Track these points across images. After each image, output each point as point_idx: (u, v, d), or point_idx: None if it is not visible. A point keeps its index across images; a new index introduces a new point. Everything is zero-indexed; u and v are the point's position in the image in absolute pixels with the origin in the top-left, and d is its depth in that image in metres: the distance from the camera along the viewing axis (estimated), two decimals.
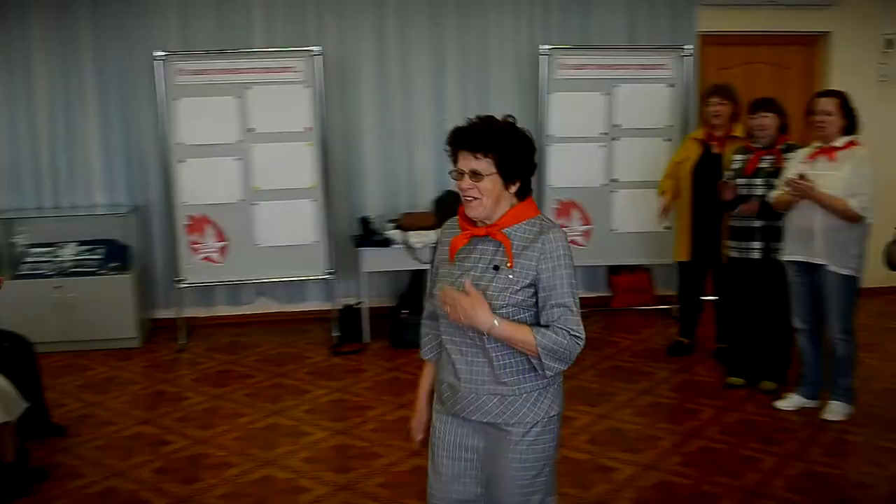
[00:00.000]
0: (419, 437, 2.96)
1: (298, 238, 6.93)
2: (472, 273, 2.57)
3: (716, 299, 6.21)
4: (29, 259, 6.92)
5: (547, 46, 7.09)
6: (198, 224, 6.83)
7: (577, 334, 2.50)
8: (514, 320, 2.50)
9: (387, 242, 6.80)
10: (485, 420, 2.61)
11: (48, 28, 7.00)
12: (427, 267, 6.70)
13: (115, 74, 7.08)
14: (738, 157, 5.61)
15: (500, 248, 2.55)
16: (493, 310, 2.46)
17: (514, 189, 2.57)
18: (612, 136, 7.24)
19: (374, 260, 6.84)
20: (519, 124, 2.58)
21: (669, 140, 7.18)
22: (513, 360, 2.55)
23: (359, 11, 7.29)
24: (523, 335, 2.47)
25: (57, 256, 6.92)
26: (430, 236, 6.65)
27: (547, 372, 2.51)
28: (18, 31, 6.98)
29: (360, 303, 6.92)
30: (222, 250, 6.88)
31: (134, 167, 7.21)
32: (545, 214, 2.72)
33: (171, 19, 7.08)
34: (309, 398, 5.67)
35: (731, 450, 4.75)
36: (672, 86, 7.26)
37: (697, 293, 6.41)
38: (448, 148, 2.57)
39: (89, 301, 6.70)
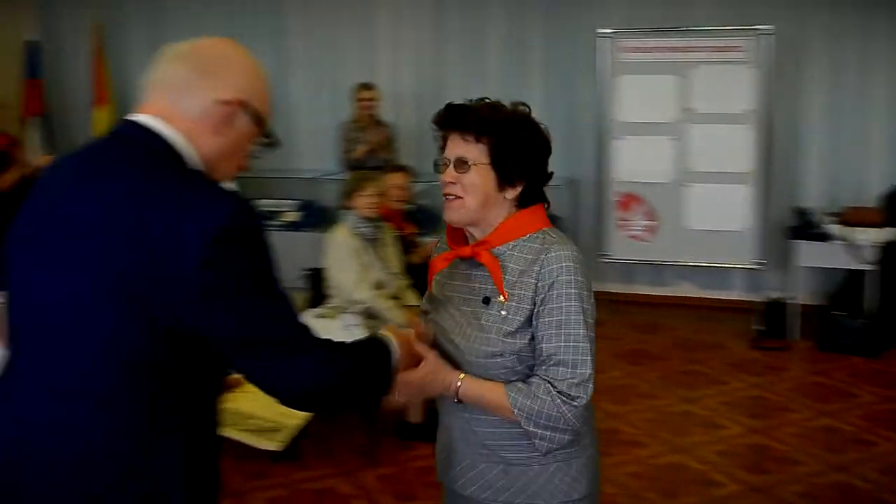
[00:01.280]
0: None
1: (729, 224, 6.69)
2: (459, 308, 1.97)
3: None
4: None
5: None
6: (628, 201, 6.86)
7: (565, 391, 1.83)
8: (512, 376, 1.88)
9: (825, 237, 6.32)
10: (482, 496, 1.96)
11: (504, 5, 7.40)
12: (870, 267, 6.16)
13: (561, 50, 7.32)
14: None
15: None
16: (481, 358, 1.89)
17: (512, 195, 1.92)
18: None
19: (809, 254, 6.40)
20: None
21: None
22: None
23: None
24: (493, 394, 1.87)
25: None
26: (877, 234, 6.10)
27: (538, 443, 1.86)
28: (477, 8, 7.45)
29: (788, 297, 6.54)
30: (650, 229, 6.86)
31: (571, 141, 7.42)
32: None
33: None
34: (725, 390, 5.47)
35: None
36: None
37: None
38: (435, 129, 1.99)
39: None
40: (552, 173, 2.00)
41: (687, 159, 6.72)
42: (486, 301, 1.91)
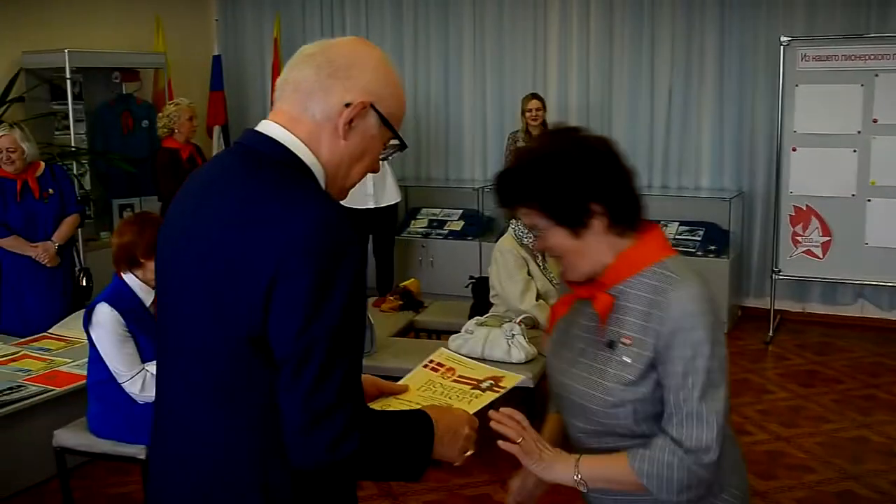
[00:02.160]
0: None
1: None
2: (581, 348, 1.84)
3: None
4: None
5: None
6: (803, 216, 6.59)
7: (694, 448, 1.68)
8: (634, 428, 1.75)
9: None
10: None
11: (676, 12, 7.27)
12: None
13: (736, 58, 7.10)
14: None
15: (616, 316, 1.76)
16: (602, 408, 1.76)
17: (599, 228, 1.75)
18: None
19: None
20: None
21: None
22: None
23: None
24: (617, 470, 1.73)
25: None
26: None
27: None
28: (648, 19, 7.35)
29: None
30: (825, 245, 6.55)
31: (743, 153, 7.19)
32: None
33: (800, 3, 6.86)
34: None
35: None
36: None
37: None
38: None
39: None
40: (632, 171, 1.80)
41: (869, 172, 6.38)
42: (611, 345, 1.77)
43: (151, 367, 3.50)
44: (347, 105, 1.55)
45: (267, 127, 1.59)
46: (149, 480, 1.74)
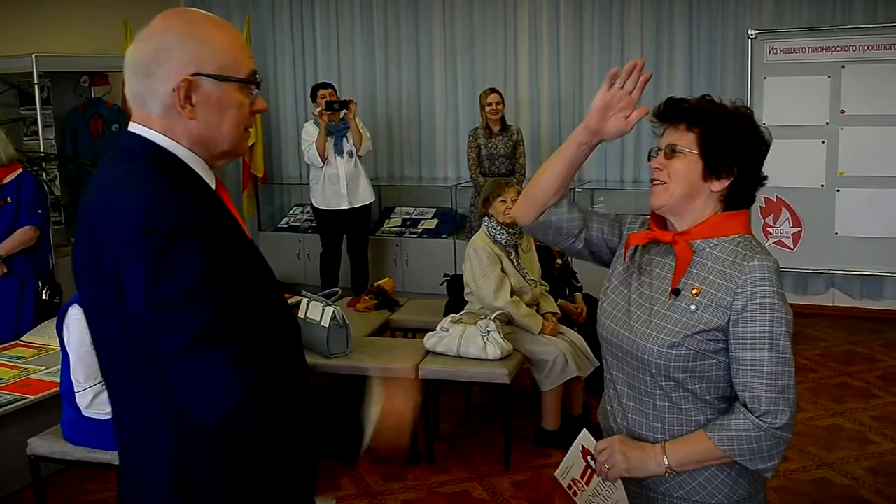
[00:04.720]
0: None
1: (883, 230, 6.39)
2: (642, 291, 1.97)
3: None
4: None
5: None
6: (773, 207, 6.65)
7: (772, 423, 1.80)
8: (690, 368, 1.87)
9: None
10: (648, 493, 2.01)
11: (645, 6, 7.31)
12: None
13: (705, 51, 7.16)
14: None
15: (690, 269, 1.91)
16: (657, 346, 1.87)
17: (717, 188, 1.90)
18: None
19: None
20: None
21: None
22: (694, 413, 1.91)
23: None
24: (702, 449, 1.85)
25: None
26: None
27: (769, 475, 1.87)
28: (617, 13, 7.40)
29: None
30: (795, 236, 6.62)
31: None
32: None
33: None
34: (877, 404, 5.22)
35: None
36: None
37: None
38: (654, 121, 2.00)
39: None
40: (766, 177, 1.95)
41: (838, 163, 6.46)
42: (677, 293, 1.90)
43: None
44: (172, 91, 1.57)
45: (132, 125, 1.64)
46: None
